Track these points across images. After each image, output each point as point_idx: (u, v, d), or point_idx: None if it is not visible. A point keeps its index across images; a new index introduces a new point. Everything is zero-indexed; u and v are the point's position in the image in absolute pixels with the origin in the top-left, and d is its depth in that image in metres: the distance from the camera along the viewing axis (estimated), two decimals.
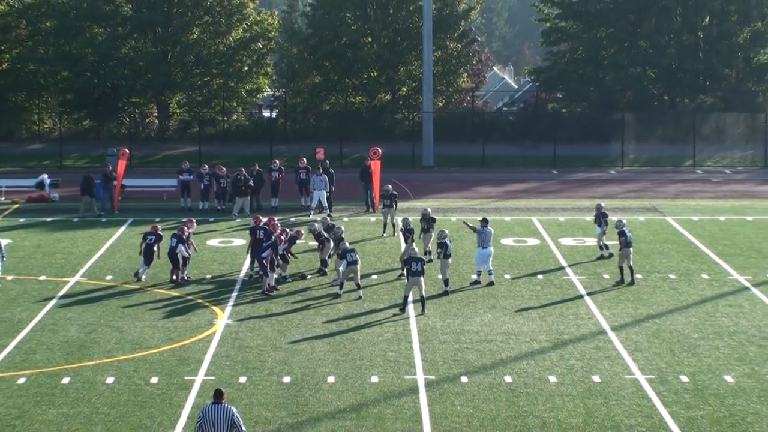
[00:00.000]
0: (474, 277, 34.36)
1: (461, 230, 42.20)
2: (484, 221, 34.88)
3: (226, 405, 19.33)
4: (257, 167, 46.96)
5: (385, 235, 41.15)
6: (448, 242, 33.54)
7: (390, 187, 42.39)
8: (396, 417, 23.37)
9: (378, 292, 33.37)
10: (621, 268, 34.35)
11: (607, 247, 37.99)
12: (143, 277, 34.65)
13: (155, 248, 34.82)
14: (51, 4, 72.20)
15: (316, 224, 36.46)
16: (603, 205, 39.24)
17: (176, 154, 64.42)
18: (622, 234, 34.19)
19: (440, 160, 62.43)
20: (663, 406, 23.95)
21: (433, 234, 36.84)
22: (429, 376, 25.84)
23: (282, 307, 31.79)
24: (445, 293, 33.06)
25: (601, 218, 37.94)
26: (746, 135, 67.39)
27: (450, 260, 33.72)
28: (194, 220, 37.22)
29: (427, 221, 36.99)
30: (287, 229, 35.64)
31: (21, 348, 28.04)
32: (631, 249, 34.36)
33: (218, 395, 19.40)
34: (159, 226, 35.81)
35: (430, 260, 36.02)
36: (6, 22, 71.84)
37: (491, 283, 34.00)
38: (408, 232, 35.80)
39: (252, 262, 35.15)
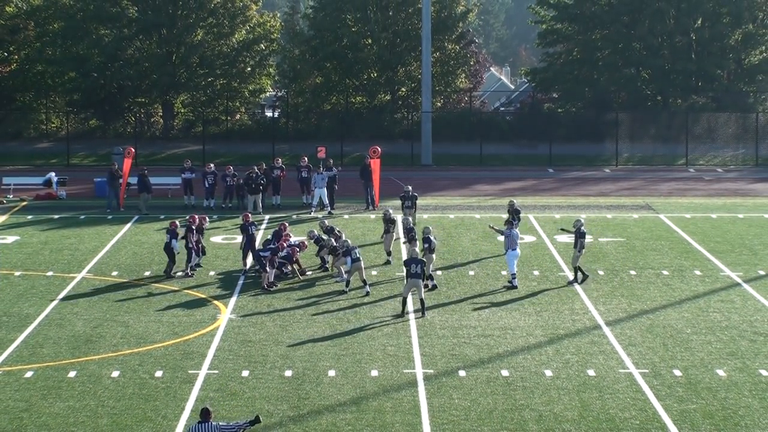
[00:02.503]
0: (513, 282, 33.95)
1: (459, 227, 42.65)
2: (510, 223, 34.90)
3: (212, 423, 19.20)
4: (263, 166, 47.39)
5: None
6: (432, 238, 33.95)
7: (410, 187, 42.33)
8: (395, 410, 23.60)
9: (378, 287, 33.61)
10: (578, 268, 34.33)
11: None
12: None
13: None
14: (58, 7, 72.57)
15: (315, 230, 36.90)
16: (515, 201, 39.45)
17: (181, 153, 64.59)
18: (581, 234, 34.11)
19: (438, 159, 62.64)
20: (656, 400, 24.18)
21: (394, 234, 37.17)
22: (427, 370, 26.07)
23: (284, 302, 32.11)
24: (434, 287, 33.19)
25: (515, 215, 37.90)
26: (737, 134, 67.62)
27: (434, 255, 34.09)
28: (197, 216, 37.55)
29: (388, 222, 37.08)
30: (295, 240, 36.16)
31: (28, 342, 28.32)
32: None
33: (205, 414, 19.25)
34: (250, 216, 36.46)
35: (389, 261, 36.42)
36: (14, 24, 72.23)
37: (514, 287, 33.82)
38: (408, 231, 35.97)
39: (244, 258, 35.71)
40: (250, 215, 36.59)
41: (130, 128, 72.00)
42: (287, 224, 36.53)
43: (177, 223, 35.53)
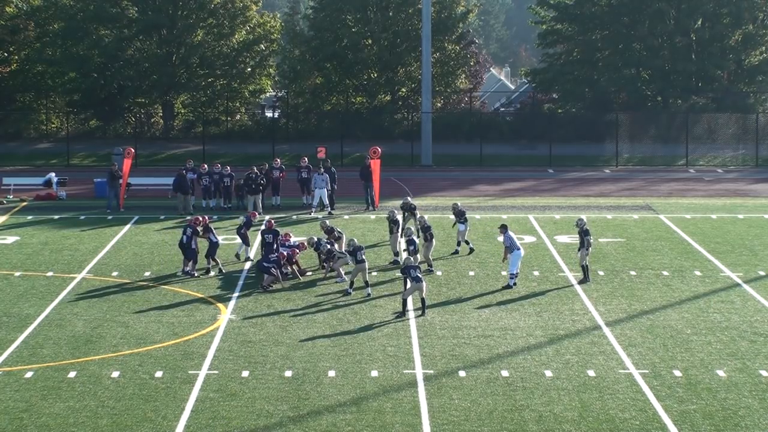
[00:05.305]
0: (511, 282, 33.95)
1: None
2: (503, 227, 34.66)
3: None
4: (264, 166, 47.36)
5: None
6: (415, 239, 34.67)
7: (409, 198, 41.49)
8: (395, 410, 23.63)
9: (378, 288, 33.60)
10: (585, 267, 34.37)
11: (468, 242, 37.99)
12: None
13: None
14: (59, 7, 72.76)
15: (315, 237, 36.81)
16: (459, 203, 39.22)
17: (180, 153, 64.63)
18: (585, 233, 34.16)
19: (438, 159, 62.65)
20: (656, 400, 24.20)
21: (399, 234, 37.15)
22: (427, 371, 26.10)
23: (284, 303, 32.11)
24: (429, 271, 34.20)
25: (459, 216, 37.71)
26: (737, 135, 67.64)
27: (419, 256, 34.59)
28: (200, 217, 37.59)
29: (392, 222, 37.10)
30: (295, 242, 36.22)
31: (28, 343, 28.34)
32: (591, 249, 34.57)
33: None
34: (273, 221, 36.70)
35: (396, 261, 36.28)
36: (14, 24, 72.33)
37: (509, 286, 33.94)
38: (424, 230, 35.84)
39: (208, 258, 35.73)
40: (257, 214, 36.80)
41: (130, 128, 72.12)
42: (290, 234, 36.53)
43: (200, 219, 35.68)
